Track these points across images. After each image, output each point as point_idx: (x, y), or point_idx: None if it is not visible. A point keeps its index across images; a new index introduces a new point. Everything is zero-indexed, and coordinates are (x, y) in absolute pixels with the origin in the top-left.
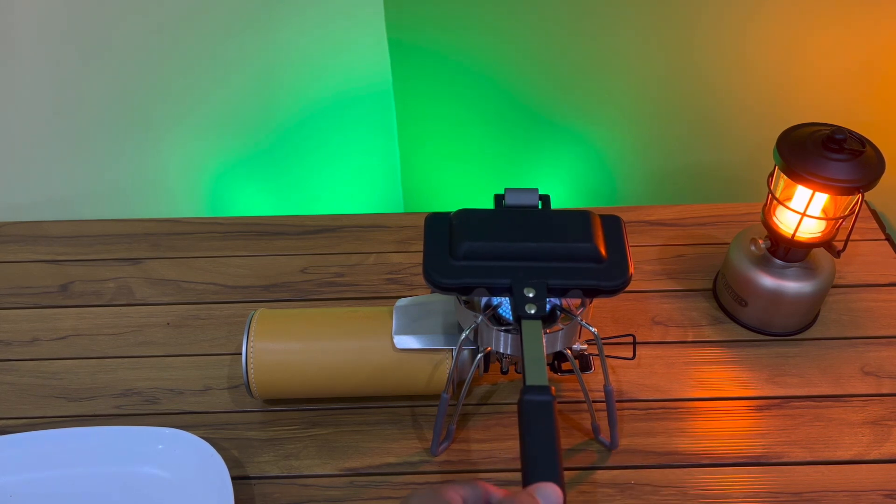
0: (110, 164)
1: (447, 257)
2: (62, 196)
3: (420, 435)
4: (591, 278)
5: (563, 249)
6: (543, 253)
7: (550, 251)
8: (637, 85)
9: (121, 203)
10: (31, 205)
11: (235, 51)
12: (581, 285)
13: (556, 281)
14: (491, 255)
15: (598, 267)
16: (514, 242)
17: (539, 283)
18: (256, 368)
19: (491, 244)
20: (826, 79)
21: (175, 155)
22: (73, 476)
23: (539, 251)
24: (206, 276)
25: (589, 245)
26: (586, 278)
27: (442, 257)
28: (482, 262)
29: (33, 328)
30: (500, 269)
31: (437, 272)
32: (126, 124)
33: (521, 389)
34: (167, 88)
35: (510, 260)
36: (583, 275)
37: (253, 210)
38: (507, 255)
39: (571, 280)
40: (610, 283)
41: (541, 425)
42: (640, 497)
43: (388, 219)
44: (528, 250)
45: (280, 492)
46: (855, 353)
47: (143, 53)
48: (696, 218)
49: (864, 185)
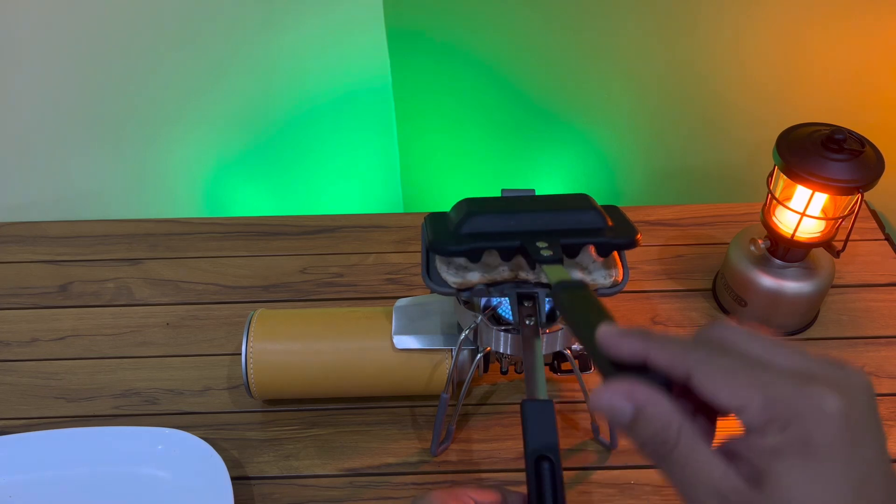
0: (109, 165)
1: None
2: (61, 196)
3: (420, 435)
4: (602, 236)
5: (569, 216)
6: (551, 219)
7: (558, 218)
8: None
9: (120, 203)
10: (31, 205)
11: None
12: (594, 241)
13: (567, 239)
14: (498, 224)
15: (607, 228)
16: (520, 212)
17: (552, 240)
18: (256, 369)
19: (497, 216)
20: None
21: (174, 155)
22: (73, 476)
23: (547, 218)
24: (205, 277)
25: (594, 211)
26: (597, 236)
27: (448, 232)
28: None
29: (33, 329)
30: (508, 235)
31: (443, 241)
32: (125, 125)
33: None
34: (166, 88)
35: (518, 226)
36: (593, 234)
37: (252, 210)
38: (514, 224)
39: (583, 237)
40: (622, 239)
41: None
42: (640, 497)
43: (388, 219)
44: (535, 217)
45: (280, 492)
46: (854, 353)
47: (142, 53)
48: (695, 218)
49: (864, 184)
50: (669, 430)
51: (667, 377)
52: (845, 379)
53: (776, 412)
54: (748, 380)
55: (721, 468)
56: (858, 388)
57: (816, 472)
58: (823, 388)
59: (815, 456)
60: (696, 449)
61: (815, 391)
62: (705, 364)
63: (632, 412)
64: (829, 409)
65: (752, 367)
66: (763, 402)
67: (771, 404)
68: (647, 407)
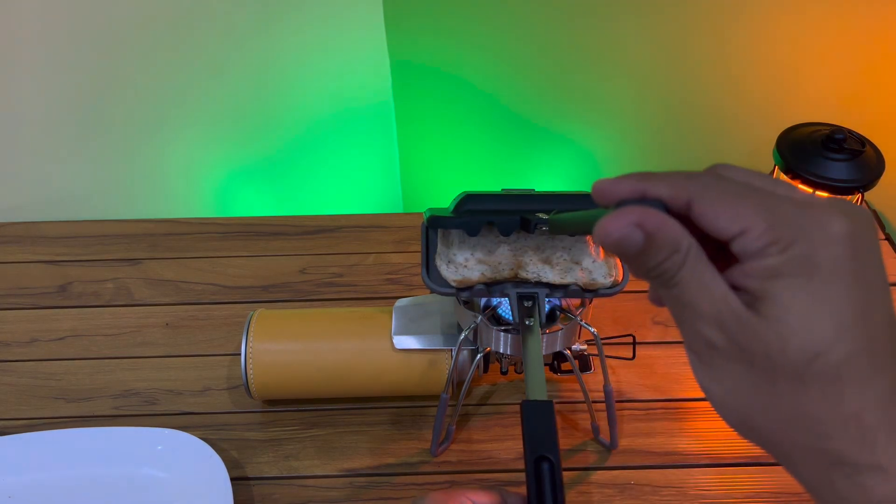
0: (109, 165)
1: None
2: (61, 196)
3: (419, 435)
4: None
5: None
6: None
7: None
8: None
9: (119, 203)
10: (30, 205)
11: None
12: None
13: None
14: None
15: None
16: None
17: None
18: (255, 369)
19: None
20: (826, 79)
21: (174, 155)
22: (72, 477)
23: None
24: (204, 277)
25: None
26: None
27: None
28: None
29: (32, 329)
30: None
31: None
32: (125, 125)
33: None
34: (166, 88)
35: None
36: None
37: (252, 210)
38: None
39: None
40: None
41: None
42: (640, 497)
43: (387, 219)
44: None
45: (279, 492)
46: None
47: (142, 53)
48: None
49: (864, 184)
50: (679, 253)
51: (667, 207)
52: (850, 207)
53: (780, 234)
54: (751, 202)
55: (722, 291)
56: (863, 216)
57: (818, 291)
58: (829, 210)
59: (818, 275)
60: (700, 270)
61: (821, 213)
62: (707, 189)
63: (643, 239)
64: (835, 229)
65: (755, 191)
66: (767, 224)
67: (775, 226)
68: (660, 231)
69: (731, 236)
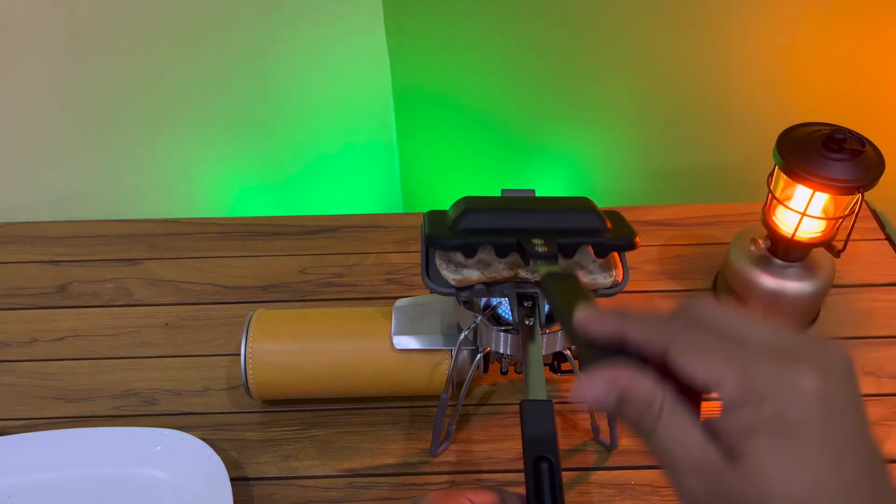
0: (109, 165)
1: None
2: (60, 196)
3: (419, 435)
4: (600, 237)
5: (568, 216)
6: (549, 218)
7: (556, 218)
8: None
9: (119, 203)
10: (30, 205)
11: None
12: (591, 241)
13: (565, 239)
14: (495, 221)
15: (606, 230)
16: (518, 210)
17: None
18: (255, 369)
19: (494, 212)
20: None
21: (174, 155)
22: (72, 477)
23: (545, 217)
24: (204, 277)
25: (593, 213)
26: (594, 237)
27: (444, 228)
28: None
29: (31, 329)
30: (505, 232)
31: (439, 235)
32: (125, 125)
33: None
34: (166, 88)
35: (515, 222)
36: (591, 234)
37: (252, 210)
38: (511, 221)
39: (580, 238)
40: (619, 240)
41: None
42: (640, 497)
43: (387, 219)
44: (533, 216)
45: (279, 493)
46: (854, 353)
47: (142, 54)
48: (695, 218)
49: (864, 184)
50: (653, 407)
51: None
52: (824, 356)
53: (752, 388)
54: (724, 354)
55: (699, 443)
56: (838, 365)
57: (792, 450)
58: (801, 365)
59: (791, 434)
60: (676, 423)
61: (792, 369)
62: (681, 339)
63: (616, 399)
64: (805, 387)
65: (728, 341)
66: (739, 377)
67: (747, 380)
68: (631, 390)
69: (705, 388)
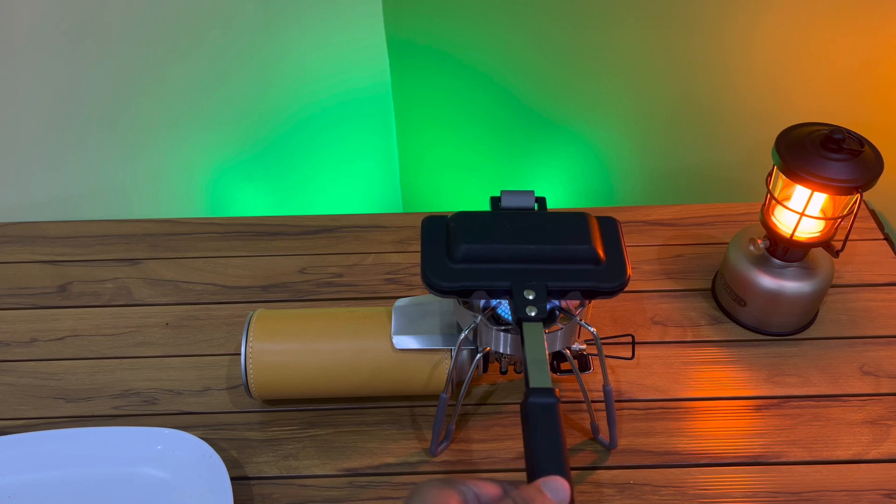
0: (109, 165)
1: (445, 260)
2: (61, 196)
3: (419, 435)
4: (590, 280)
5: (561, 251)
6: (542, 255)
7: (549, 253)
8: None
9: (119, 203)
10: (30, 205)
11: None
12: (580, 287)
13: (555, 283)
14: (489, 257)
15: (597, 268)
16: (512, 244)
17: (539, 285)
18: (255, 369)
19: (489, 246)
20: (825, 79)
21: (174, 155)
22: (72, 477)
23: (537, 253)
24: (204, 277)
25: (587, 247)
26: (585, 280)
27: (440, 261)
28: (481, 264)
29: (32, 329)
30: (499, 272)
31: (435, 276)
32: (125, 125)
33: (525, 392)
34: (166, 88)
35: (509, 262)
36: (582, 276)
37: (252, 210)
38: (505, 257)
39: (570, 282)
40: (609, 285)
41: (547, 427)
42: (640, 497)
43: (387, 219)
44: (527, 252)
45: (279, 492)
46: (853, 353)
47: (141, 54)
48: (694, 218)
49: (863, 184)
50: None
51: None
52: None
53: None
54: None
55: None
56: None
57: None
58: None
59: None
60: None
61: None
62: None
63: None
64: None
65: None
66: None
67: None
68: None
69: None
